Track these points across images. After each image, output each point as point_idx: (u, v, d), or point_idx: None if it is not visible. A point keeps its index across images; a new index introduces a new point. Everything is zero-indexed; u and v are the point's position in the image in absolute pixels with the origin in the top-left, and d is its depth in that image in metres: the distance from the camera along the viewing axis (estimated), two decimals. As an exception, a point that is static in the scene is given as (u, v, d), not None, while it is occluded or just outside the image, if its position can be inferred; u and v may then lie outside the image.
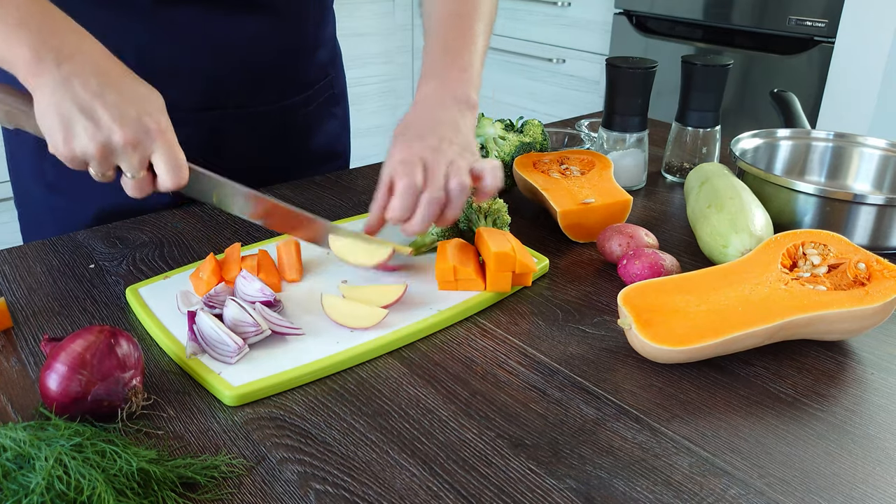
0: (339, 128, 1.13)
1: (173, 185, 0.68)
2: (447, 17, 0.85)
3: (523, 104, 2.81)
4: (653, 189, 1.03)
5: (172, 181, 0.68)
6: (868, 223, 0.81)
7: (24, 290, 0.74)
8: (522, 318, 0.71)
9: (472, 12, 0.85)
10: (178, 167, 0.68)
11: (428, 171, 0.71)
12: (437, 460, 0.53)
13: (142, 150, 0.66)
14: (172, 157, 0.67)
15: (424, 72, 0.82)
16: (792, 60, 1.93)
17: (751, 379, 0.62)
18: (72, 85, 0.64)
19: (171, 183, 0.68)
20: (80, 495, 0.44)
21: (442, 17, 0.85)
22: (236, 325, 0.63)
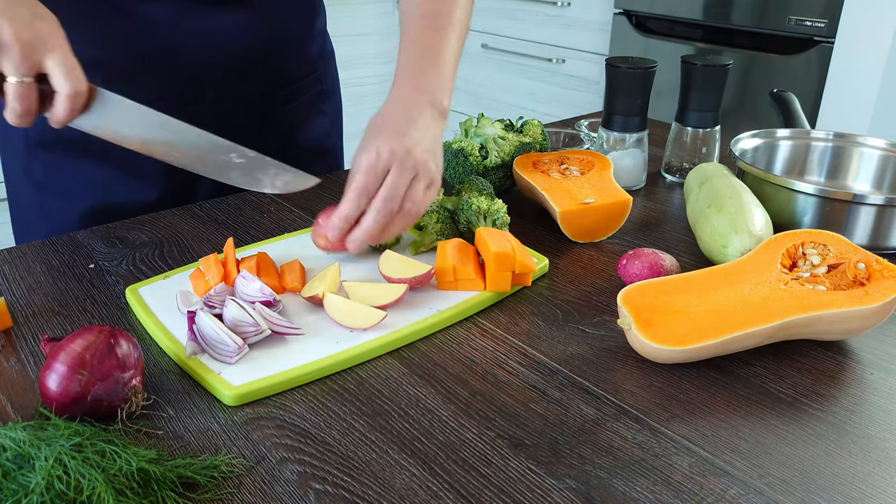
0: (328, 125, 1.12)
1: (70, 88, 0.63)
2: (424, 17, 0.84)
3: (523, 104, 2.81)
4: (652, 189, 1.03)
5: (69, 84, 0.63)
6: (868, 223, 0.81)
7: (24, 290, 0.74)
8: (522, 318, 0.71)
9: (449, 11, 0.84)
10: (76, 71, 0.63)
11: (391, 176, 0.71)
12: (437, 460, 0.53)
13: (30, 51, 0.61)
14: (69, 63, 0.63)
15: (400, 73, 0.82)
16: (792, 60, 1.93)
17: (751, 379, 0.62)
18: None
19: (68, 86, 0.63)
20: (80, 495, 0.44)
21: (419, 16, 0.84)
22: (236, 325, 0.63)
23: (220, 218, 0.91)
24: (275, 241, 0.84)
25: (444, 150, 0.99)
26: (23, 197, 0.98)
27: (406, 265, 0.73)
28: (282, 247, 0.82)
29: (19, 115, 0.63)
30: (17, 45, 0.60)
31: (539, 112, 2.74)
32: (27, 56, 0.61)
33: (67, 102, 0.63)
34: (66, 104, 0.64)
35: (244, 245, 0.84)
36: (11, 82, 0.61)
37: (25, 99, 0.62)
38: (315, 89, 1.08)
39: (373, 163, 0.71)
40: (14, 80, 0.61)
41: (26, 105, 0.63)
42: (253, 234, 0.87)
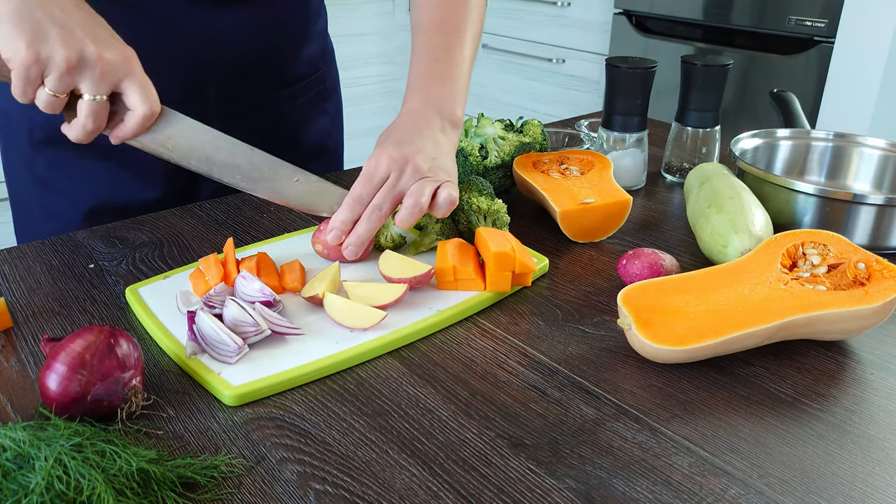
0: (330, 124, 1.13)
1: (146, 109, 0.65)
2: (435, 24, 0.84)
3: (523, 104, 2.81)
4: (652, 189, 1.03)
5: (146, 105, 0.65)
6: (868, 223, 0.81)
7: (24, 290, 0.74)
8: (522, 318, 0.71)
9: (460, 19, 0.84)
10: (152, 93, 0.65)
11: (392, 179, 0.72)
12: (437, 460, 0.53)
13: (113, 70, 0.63)
14: (146, 84, 0.65)
15: (411, 84, 0.82)
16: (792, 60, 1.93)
17: (750, 379, 0.62)
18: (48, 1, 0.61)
19: (144, 108, 0.65)
20: (80, 495, 0.44)
21: (430, 24, 0.84)
22: (236, 325, 0.63)
23: (220, 218, 0.91)
24: (275, 241, 0.84)
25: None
26: (26, 196, 0.98)
27: (406, 265, 0.73)
28: (282, 247, 0.82)
29: (89, 132, 0.65)
30: (100, 64, 0.62)
31: (539, 112, 2.74)
32: (108, 75, 0.63)
33: (140, 121, 0.66)
34: (139, 123, 0.66)
35: (244, 245, 0.84)
36: (87, 100, 0.63)
37: (98, 117, 0.64)
38: (317, 88, 1.08)
39: (371, 171, 0.73)
40: (89, 97, 0.63)
41: (98, 123, 0.65)
42: (253, 234, 0.87)
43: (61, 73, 0.61)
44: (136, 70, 0.65)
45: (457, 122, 0.81)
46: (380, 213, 0.72)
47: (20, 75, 0.61)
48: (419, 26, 0.86)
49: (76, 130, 0.65)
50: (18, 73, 0.61)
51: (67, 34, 0.61)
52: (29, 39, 0.60)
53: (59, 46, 0.60)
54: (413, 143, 0.74)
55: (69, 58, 0.61)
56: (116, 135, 0.68)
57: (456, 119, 0.81)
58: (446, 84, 0.81)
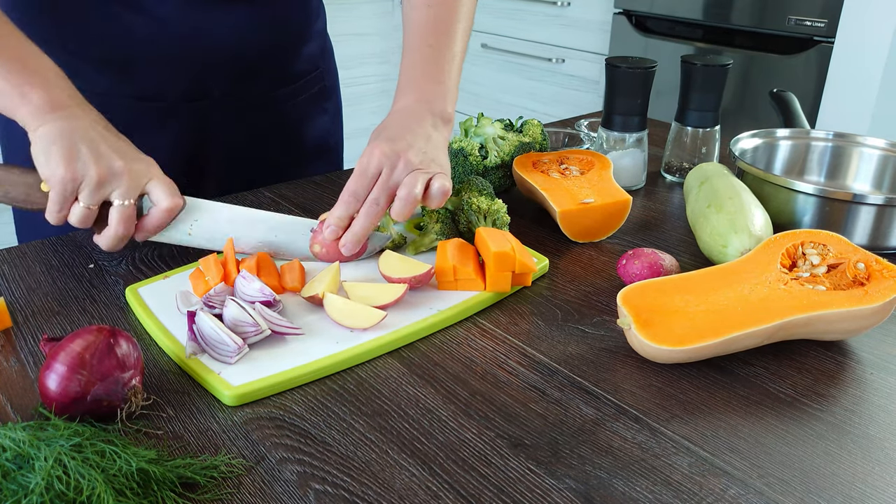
0: (329, 122, 1.13)
1: (170, 203, 0.72)
2: (426, 23, 0.85)
3: (523, 104, 2.81)
4: (652, 189, 1.03)
5: (169, 201, 0.72)
6: (867, 223, 0.81)
7: (24, 290, 0.74)
8: (522, 318, 0.71)
9: (451, 17, 0.86)
10: (174, 190, 0.73)
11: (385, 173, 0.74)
12: (437, 460, 0.53)
13: (139, 177, 0.71)
14: (168, 183, 0.73)
15: (402, 82, 0.84)
16: (791, 60, 1.93)
17: (750, 379, 0.62)
18: (79, 123, 0.70)
19: (168, 202, 0.72)
20: (80, 495, 0.44)
21: (421, 23, 0.86)
22: (236, 325, 0.63)
23: (220, 218, 0.91)
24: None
25: (443, 150, 0.99)
26: None
27: (406, 265, 0.73)
28: (281, 247, 0.82)
29: (121, 237, 0.72)
30: (126, 174, 0.70)
31: (539, 112, 2.74)
32: (135, 182, 0.71)
33: (164, 215, 0.73)
34: (163, 217, 0.73)
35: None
36: (117, 206, 0.71)
37: (129, 221, 0.72)
38: (317, 87, 1.08)
39: (364, 167, 0.74)
40: (119, 202, 0.71)
41: (128, 227, 0.72)
42: (253, 234, 0.87)
43: (94, 187, 0.69)
44: (158, 173, 0.73)
45: (448, 118, 0.82)
46: (377, 208, 0.73)
47: (58, 192, 0.69)
48: (410, 25, 0.87)
49: (108, 239, 0.72)
50: (57, 190, 0.69)
51: (97, 152, 0.69)
52: (66, 160, 0.68)
53: (91, 164, 0.69)
54: (404, 139, 0.76)
55: (100, 173, 0.69)
56: (142, 231, 0.74)
57: (447, 116, 0.82)
58: (437, 83, 0.82)
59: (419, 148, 0.75)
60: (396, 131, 0.77)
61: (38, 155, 0.69)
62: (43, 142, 0.69)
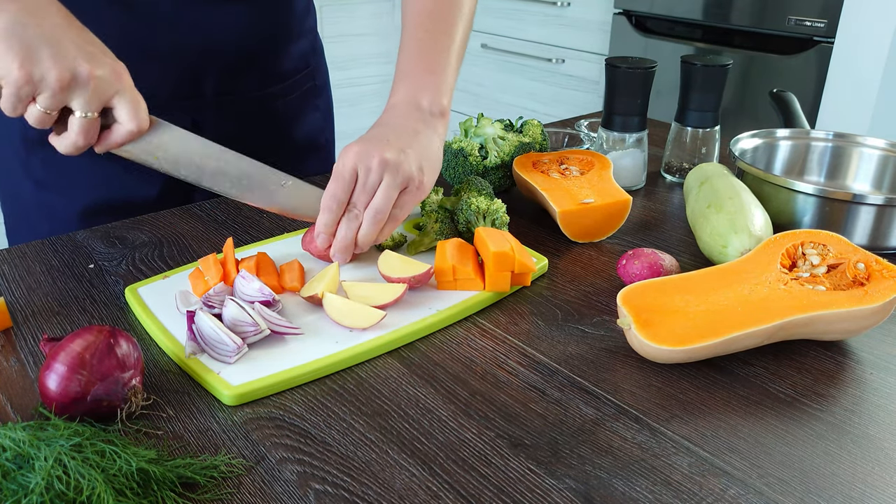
0: (321, 120, 1.13)
1: (135, 125, 0.66)
2: (424, 16, 0.84)
3: (523, 104, 2.81)
4: (652, 189, 1.03)
5: (135, 122, 0.66)
6: (867, 223, 0.81)
7: (24, 290, 0.74)
8: (522, 318, 0.71)
9: (450, 11, 0.84)
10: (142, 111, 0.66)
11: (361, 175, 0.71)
12: (437, 460, 0.53)
13: (104, 88, 0.63)
14: (136, 100, 0.66)
15: (397, 75, 0.82)
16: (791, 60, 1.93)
17: (750, 379, 0.62)
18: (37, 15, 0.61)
19: (133, 125, 0.66)
20: (80, 495, 0.44)
21: (419, 15, 0.84)
22: (235, 325, 0.63)
23: (220, 218, 0.91)
24: (274, 240, 0.84)
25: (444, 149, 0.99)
26: (22, 195, 0.98)
27: (405, 265, 0.73)
28: (281, 247, 0.82)
29: (80, 147, 0.66)
30: (92, 82, 0.62)
31: (539, 112, 2.74)
32: (99, 93, 0.63)
33: (127, 136, 0.67)
34: (126, 136, 0.67)
35: (244, 245, 0.84)
36: (78, 117, 0.63)
37: (89, 133, 0.65)
38: (307, 85, 1.09)
39: (339, 169, 0.72)
40: (80, 114, 0.63)
41: (88, 139, 0.65)
42: (253, 235, 0.87)
43: (53, 92, 0.61)
44: (127, 86, 0.65)
45: (442, 110, 0.80)
46: (357, 213, 0.72)
47: (12, 93, 0.61)
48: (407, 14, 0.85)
49: (66, 145, 0.66)
50: (10, 91, 0.61)
51: (59, 53, 0.61)
52: (21, 59, 0.60)
53: (51, 66, 0.61)
54: (383, 137, 0.74)
55: (61, 77, 0.61)
56: (103, 143, 0.68)
57: (442, 108, 0.79)
58: (431, 73, 0.80)
59: (398, 147, 0.73)
60: (375, 131, 0.76)
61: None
62: None
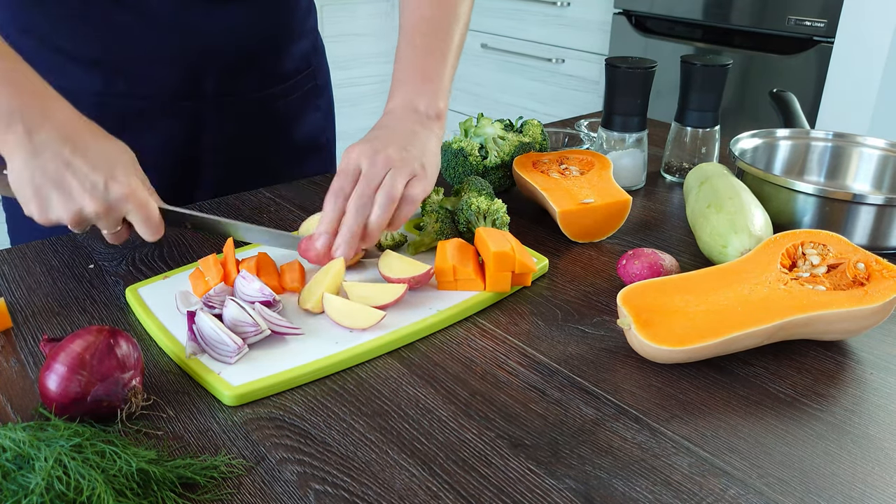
0: (322, 120, 1.14)
1: (151, 239, 0.73)
2: (422, 22, 0.85)
3: (523, 104, 2.81)
4: (652, 189, 1.03)
5: (150, 236, 0.72)
6: (867, 223, 0.81)
7: (24, 291, 0.74)
8: (522, 318, 0.71)
9: (447, 17, 0.85)
10: (153, 223, 0.72)
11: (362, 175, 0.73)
12: (437, 460, 0.53)
13: (115, 213, 0.70)
14: (146, 215, 0.71)
15: (394, 81, 0.83)
16: (791, 60, 1.93)
17: (750, 379, 0.62)
18: (43, 157, 0.67)
19: (150, 238, 0.72)
20: (80, 496, 0.44)
21: (416, 21, 0.85)
22: (236, 325, 0.63)
23: (220, 218, 0.91)
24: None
25: (443, 150, 0.99)
26: None
27: (406, 265, 0.73)
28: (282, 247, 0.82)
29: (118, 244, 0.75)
30: (103, 212, 0.69)
31: (539, 112, 2.74)
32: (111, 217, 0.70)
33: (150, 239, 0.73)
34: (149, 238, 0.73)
35: (245, 245, 0.84)
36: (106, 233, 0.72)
37: (119, 237, 0.74)
38: (309, 84, 1.09)
39: (343, 166, 0.74)
40: (106, 232, 0.72)
41: (121, 240, 0.74)
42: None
43: (73, 225, 0.70)
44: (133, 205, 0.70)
45: (439, 113, 0.81)
46: (364, 201, 0.72)
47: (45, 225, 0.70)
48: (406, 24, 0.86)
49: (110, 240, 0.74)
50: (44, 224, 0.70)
51: (66, 197, 0.68)
52: (38, 207, 0.68)
53: (62, 211, 0.68)
54: (382, 138, 0.76)
55: (72, 219, 0.69)
56: None
57: (438, 111, 0.81)
58: (428, 80, 0.82)
59: (399, 145, 0.75)
60: (376, 132, 0.77)
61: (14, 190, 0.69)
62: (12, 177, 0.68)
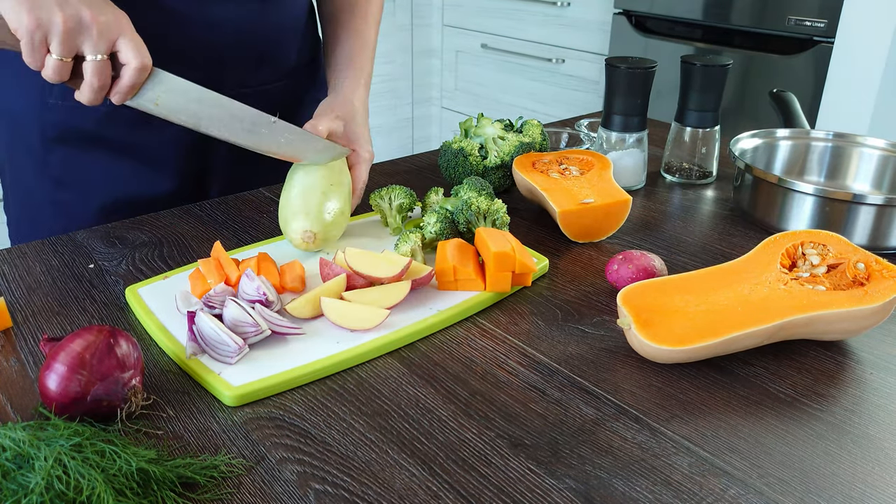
0: None
1: (139, 61, 0.71)
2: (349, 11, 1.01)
3: (523, 104, 2.81)
4: (652, 189, 1.03)
5: (139, 59, 0.71)
6: (867, 223, 0.81)
7: (24, 290, 0.74)
8: (522, 318, 0.71)
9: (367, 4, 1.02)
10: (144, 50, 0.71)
11: None
12: (437, 460, 0.53)
13: (108, 30, 0.69)
14: (138, 41, 0.71)
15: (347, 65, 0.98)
16: (791, 60, 1.93)
17: (750, 379, 0.62)
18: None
19: (138, 61, 0.71)
20: (80, 495, 0.44)
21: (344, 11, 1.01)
22: (236, 326, 0.63)
23: (220, 218, 0.91)
24: (275, 241, 0.84)
25: (443, 150, 0.99)
26: (36, 194, 0.98)
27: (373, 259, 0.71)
28: (282, 247, 0.82)
29: (96, 90, 0.71)
30: (95, 26, 0.68)
31: (539, 112, 2.74)
32: (104, 35, 0.69)
33: (135, 74, 0.71)
34: (134, 76, 0.71)
35: (244, 245, 0.84)
36: (89, 60, 0.70)
37: (102, 73, 0.71)
38: (314, 78, 1.10)
39: None
40: (91, 57, 0.69)
41: (103, 80, 0.71)
42: (253, 235, 0.87)
43: (62, 35, 0.67)
44: (128, 30, 0.71)
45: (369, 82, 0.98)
46: None
47: (27, 42, 0.68)
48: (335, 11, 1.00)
49: (86, 92, 0.72)
50: (25, 40, 0.67)
51: (63, 1, 0.67)
52: (29, 8, 0.66)
53: (57, 11, 0.67)
54: None
55: (66, 21, 0.67)
56: (116, 92, 0.73)
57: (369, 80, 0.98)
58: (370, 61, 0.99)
59: None
60: None
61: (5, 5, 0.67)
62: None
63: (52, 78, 0.70)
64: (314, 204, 0.78)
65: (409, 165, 1.11)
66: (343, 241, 0.84)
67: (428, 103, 3.21)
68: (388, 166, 1.11)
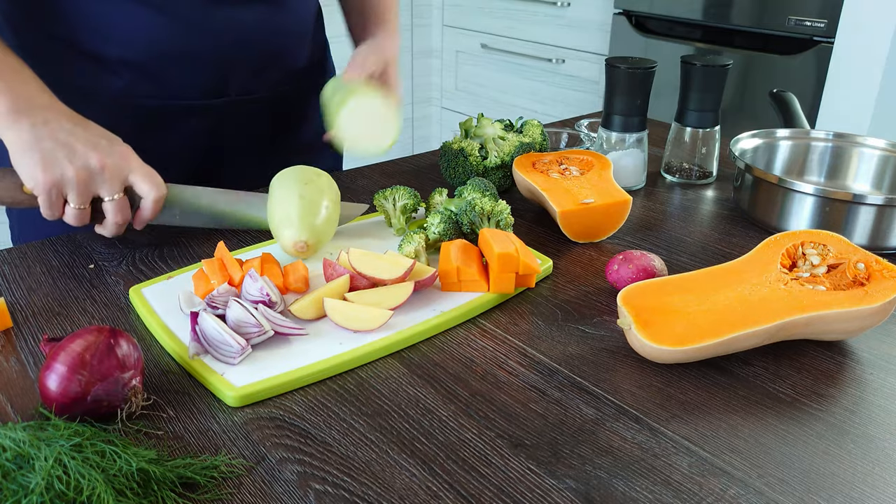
0: None
1: (156, 193, 0.75)
2: None
3: (523, 104, 2.81)
4: (652, 189, 1.03)
5: (154, 192, 0.75)
6: (867, 223, 0.81)
7: (24, 291, 0.74)
8: (522, 318, 0.71)
9: None
10: (157, 179, 0.76)
11: None
12: (437, 460, 0.53)
13: (118, 172, 0.74)
14: (149, 172, 0.76)
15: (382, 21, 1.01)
16: (791, 60, 1.93)
17: (750, 379, 0.62)
18: (48, 126, 0.72)
19: (154, 193, 0.75)
20: (80, 495, 0.44)
21: None
22: (239, 326, 0.63)
23: (220, 218, 0.91)
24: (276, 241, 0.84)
25: (443, 150, 0.99)
26: None
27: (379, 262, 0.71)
28: (282, 247, 0.82)
29: (119, 226, 0.77)
30: (105, 171, 0.73)
31: (539, 112, 2.74)
32: (116, 177, 0.74)
33: (154, 206, 0.77)
34: (153, 207, 0.77)
35: (246, 246, 0.84)
36: (108, 201, 0.74)
37: (123, 211, 0.76)
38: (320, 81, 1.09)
39: None
40: (109, 198, 0.74)
41: (125, 216, 0.76)
42: (254, 235, 0.87)
43: (77, 188, 0.72)
44: (136, 164, 0.76)
45: None
46: None
47: (45, 199, 0.72)
48: None
49: (109, 229, 0.77)
50: (43, 197, 0.72)
51: (72, 154, 0.72)
52: (43, 165, 0.71)
53: (68, 166, 0.71)
54: None
55: (78, 173, 0.72)
56: (139, 222, 0.78)
57: None
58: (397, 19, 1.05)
59: None
60: None
61: (17, 163, 0.72)
62: (17, 150, 0.72)
63: (75, 224, 0.74)
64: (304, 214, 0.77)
65: (410, 166, 1.12)
66: (346, 241, 0.84)
67: (428, 103, 3.21)
68: (388, 166, 1.11)
